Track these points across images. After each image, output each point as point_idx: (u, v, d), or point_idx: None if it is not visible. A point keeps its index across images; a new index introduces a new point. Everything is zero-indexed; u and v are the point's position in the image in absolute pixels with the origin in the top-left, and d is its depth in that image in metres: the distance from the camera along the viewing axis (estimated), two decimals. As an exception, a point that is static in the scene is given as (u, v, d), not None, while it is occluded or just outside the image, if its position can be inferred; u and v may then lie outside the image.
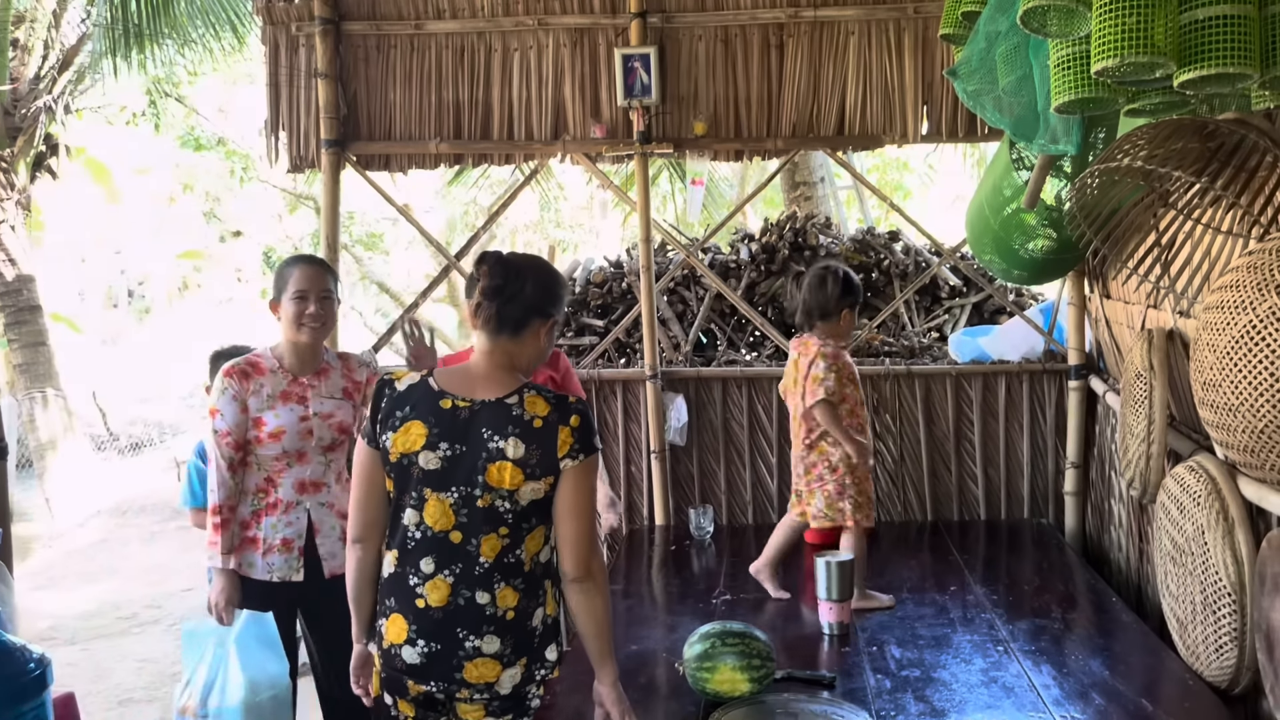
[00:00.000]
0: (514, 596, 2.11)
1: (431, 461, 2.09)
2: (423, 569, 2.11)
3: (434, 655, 2.11)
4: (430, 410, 2.12)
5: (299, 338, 2.95)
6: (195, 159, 14.25)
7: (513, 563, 2.10)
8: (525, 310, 2.15)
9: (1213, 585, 2.61)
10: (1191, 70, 1.89)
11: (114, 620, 5.71)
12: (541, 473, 2.07)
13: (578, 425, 2.09)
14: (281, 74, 4.44)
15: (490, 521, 2.08)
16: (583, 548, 2.11)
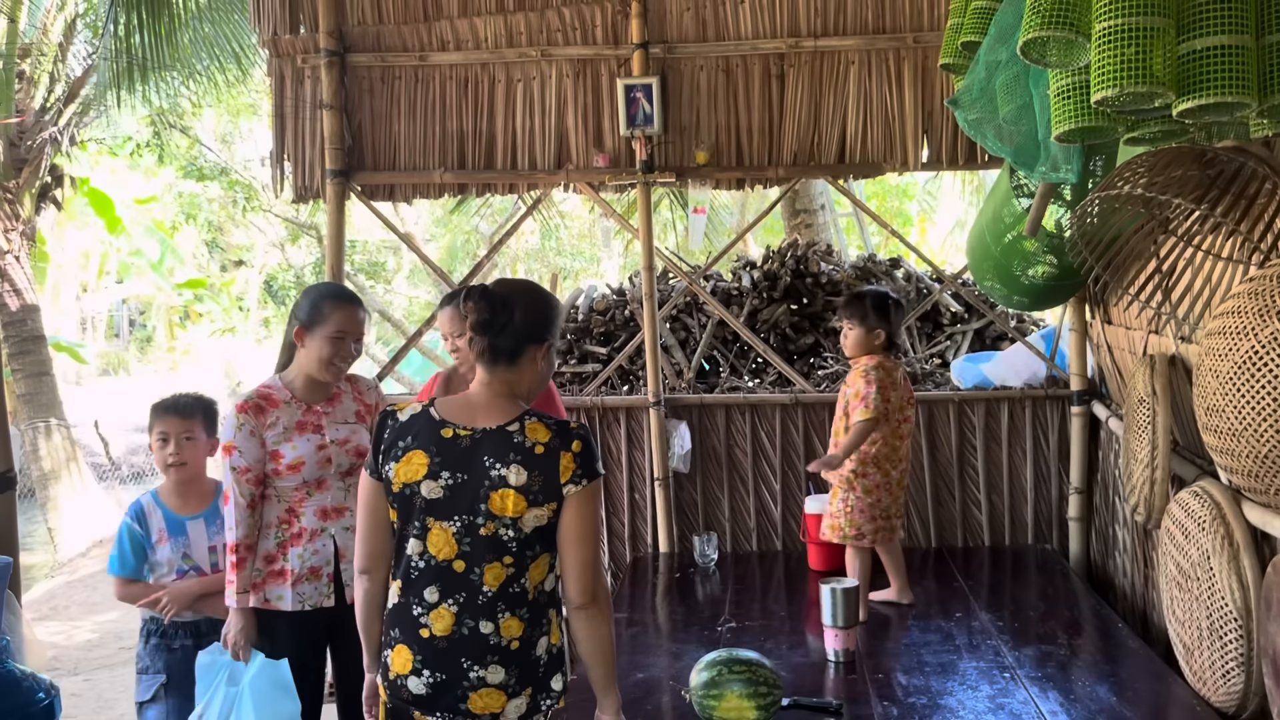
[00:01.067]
0: (518, 626, 2.10)
1: (434, 490, 2.09)
2: (427, 598, 2.11)
3: (439, 685, 2.10)
4: (432, 440, 2.12)
5: (324, 376, 2.91)
6: (197, 189, 14.34)
7: (517, 592, 2.10)
8: (518, 339, 2.16)
9: (1219, 610, 2.61)
10: (1190, 100, 1.91)
11: (116, 650, 5.69)
12: (544, 499, 2.07)
13: (579, 451, 2.09)
14: (287, 105, 4.48)
15: (494, 550, 2.08)
16: (588, 574, 2.11)
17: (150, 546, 2.99)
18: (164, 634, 2.99)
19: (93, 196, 13.18)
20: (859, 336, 3.38)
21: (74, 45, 9.18)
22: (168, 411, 3.06)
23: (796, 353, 5.00)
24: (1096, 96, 1.94)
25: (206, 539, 3.02)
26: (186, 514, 3.03)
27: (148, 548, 2.99)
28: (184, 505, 3.03)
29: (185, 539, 3.00)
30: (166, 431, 3.02)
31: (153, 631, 3.01)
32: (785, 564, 4.22)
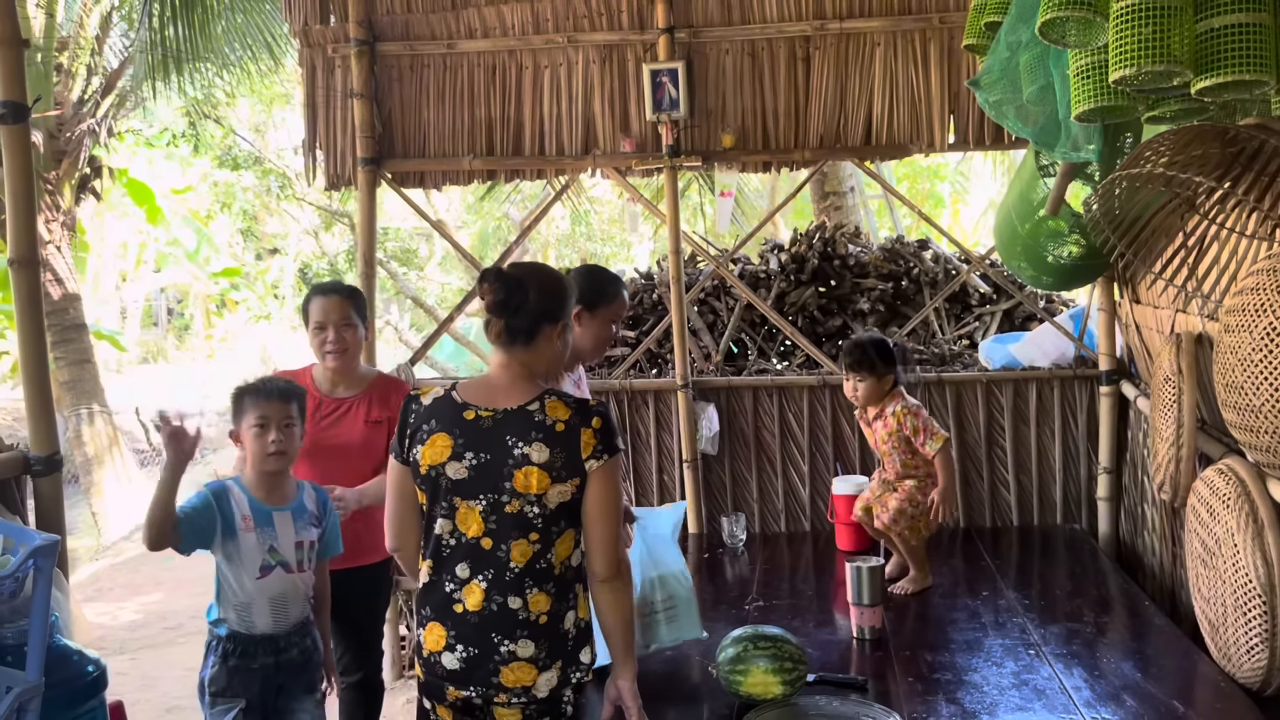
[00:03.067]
0: (546, 601, 2.16)
1: (459, 471, 2.15)
2: (458, 574, 2.17)
3: (472, 660, 2.16)
4: (454, 422, 2.18)
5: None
6: (232, 178, 14.52)
7: (543, 568, 2.16)
8: (533, 319, 2.21)
9: (1243, 587, 2.62)
10: (1208, 78, 1.93)
11: (160, 631, 5.83)
12: (567, 475, 2.12)
13: (599, 427, 2.15)
14: (318, 94, 4.55)
15: (519, 527, 2.14)
16: (612, 548, 2.18)
17: (235, 532, 2.66)
18: (244, 652, 2.67)
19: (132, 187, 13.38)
20: (871, 387, 3.43)
21: (110, 38, 9.32)
22: (269, 396, 2.78)
23: (824, 335, 5.02)
24: (1115, 76, 1.96)
25: (293, 533, 2.75)
26: (273, 505, 2.74)
27: (230, 530, 2.65)
28: (270, 496, 2.75)
29: (272, 531, 2.71)
30: (266, 417, 2.74)
31: (231, 651, 2.67)
32: (813, 544, 4.26)
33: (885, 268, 5.16)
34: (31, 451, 2.73)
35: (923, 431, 3.37)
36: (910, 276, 5.16)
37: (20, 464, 2.70)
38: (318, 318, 3.18)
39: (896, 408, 3.41)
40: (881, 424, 3.44)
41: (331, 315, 3.18)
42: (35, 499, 2.74)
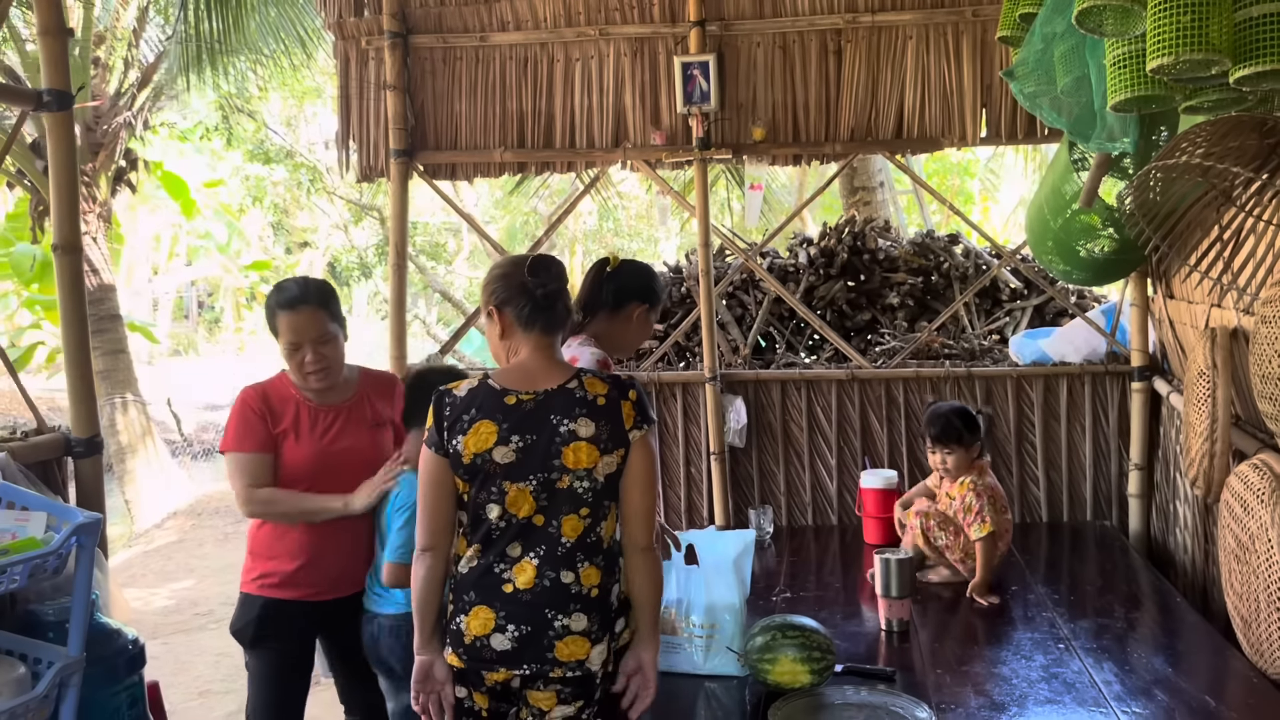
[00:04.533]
0: (596, 574, 2.20)
1: (507, 455, 2.18)
2: (509, 554, 2.20)
3: (525, 638, 2.17)
4: (497, 408, 2.21)
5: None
6: (264, 172, 14.65)
7: (593, 541, 2.21)
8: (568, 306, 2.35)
9: (1277, 582, 2.60)
10: (1247, 66, 1.91)
11: (192, 616, 5.91)
12: (613, 446, 2.20)
13: (635, 399, 2.24)
14: (352, 87, 4.60)
15: (570, 502, 2.18)
16: (649, 518, 2.26)
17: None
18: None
19: (166, 180, 13.53)
20: (961, 458, 3.43)
21: (145, 31, 9.44)
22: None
23: (853, 329, 5.01)
24: (1152, 64, 1.95)
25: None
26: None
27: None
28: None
29: None
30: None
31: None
32: (841, 538, 4.26)
33: (915, 262, 5.15)
34: (73, 434, 2.78)
35: (975, 514, 3.34)
36: (940, 271, 5.15)
37: (62, 445, 2.76)
38: (290, 337, 2.74)
39: (967, 479, 3.39)
40: (956, 486, 3.44)
41: (307, 333, 2.74)
42: (76, 480, 2.79)
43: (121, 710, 2.39)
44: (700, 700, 2.70)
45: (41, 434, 2.75)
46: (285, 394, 2.80)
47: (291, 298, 2.74)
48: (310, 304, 2.74)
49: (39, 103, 2.65)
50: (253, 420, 2.74)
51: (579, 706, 2.21)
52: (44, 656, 2.16)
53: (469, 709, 2.28)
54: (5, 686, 2.04)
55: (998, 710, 2.55)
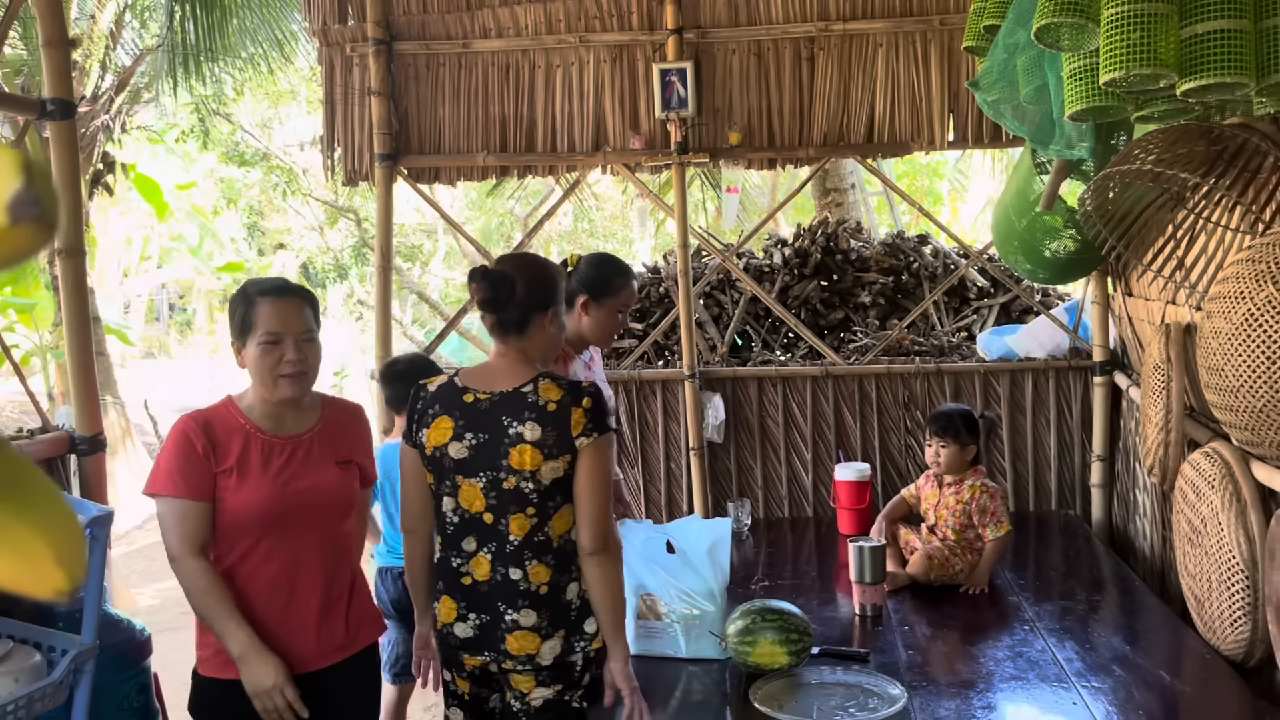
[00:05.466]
0: (546, 572, 2.28)
1: (460, 451, 2.29)
2: (465, 548, 2.31)
3: (483, 627, 2.29)
4: (455, 405, 2.33)
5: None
6: (238, 174, 14.62)
7: (541, 540, 2.28)
8: (523, 310, 2.35)
9: (1227, 563, 2.76)
10: (1192, 80, 2.06)
11: (176, 615, 5.95)
12: (559, 452, 2.24)
13: (590, 406, 2.27)
14: (337, 92, 4.69)
15: (517, 501, 2.26)
16: (599, 524, 2.27)
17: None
18: None
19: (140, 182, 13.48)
20: (954, 454, 3.52)
21: (123, 35, 9.45)
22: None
23: (827, 327, 5.16)
24: (1105, 78, 2.09)
25: None
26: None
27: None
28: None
29: None
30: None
31: None
32: (816, 529, 4.40)
33: (886, 262, 5.30)
34: (76, 431, 2.86)
35: (991, 515, 3.43)
36: (910, 271, 5.30)
37: (65, 443, 2.84)
38: (271, 327, 2.27)
39: (976, 482, 3.49)
40: (954, 493, 3.51)
41: (291, 324, 2.29)
42: (79, 477, 2.87)
43: (131, 696, 2.48)
44: (683, 682, 2.83)
45: (47, 432, 2.84)
46: (231, 424, 2.30)
47: (276, 285, 2.35)
48: (297, 295, 2.36)
49: (43, 111, 2.74)
50: (193, 458, 2.23)
51: (558, 690, 2.31)
52: (58, 644, 2.25)
53: (453, 692, 2.42)
54: (23, 673, 2.13)
55: (966, 687, 2.69)
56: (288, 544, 2.32)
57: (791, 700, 2.60)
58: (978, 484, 3.49)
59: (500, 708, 2.40)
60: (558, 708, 2.31)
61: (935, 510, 3.56)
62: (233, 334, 2.33)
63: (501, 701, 2.40)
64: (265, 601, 2.30)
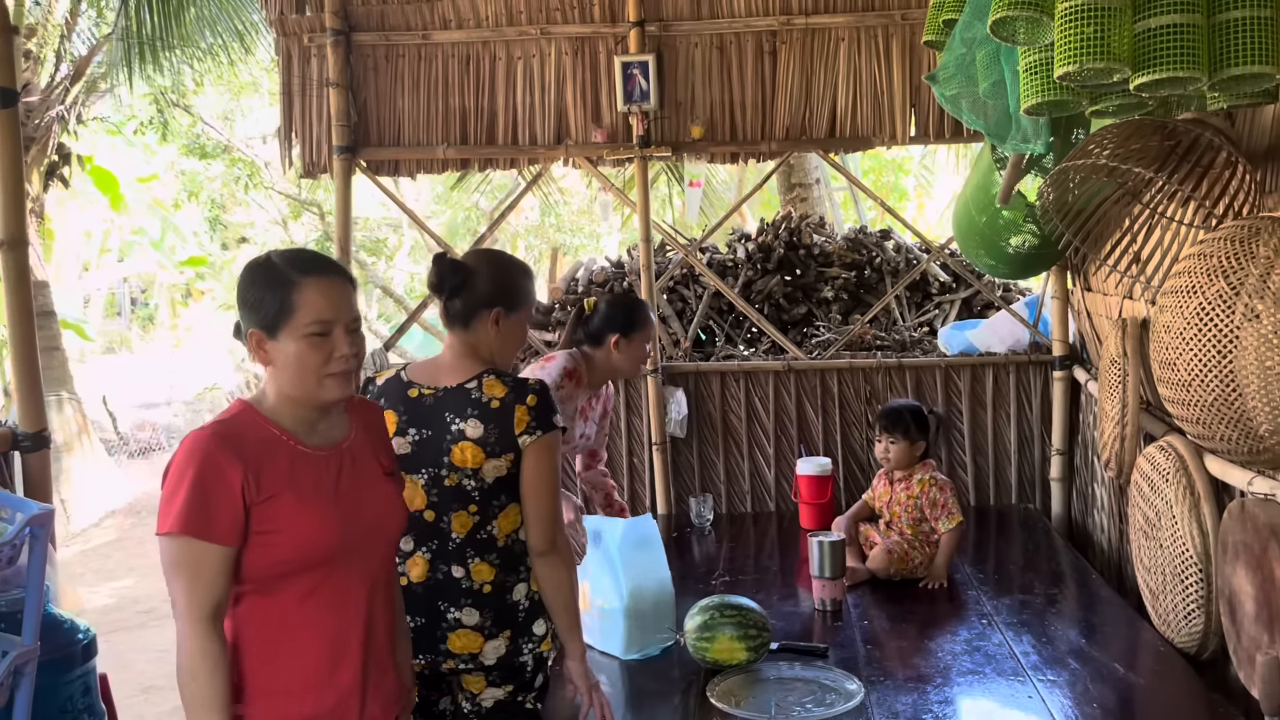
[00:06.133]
0: (489, 571, 2.23)
1: (403, 446, 2.25)
2: (402, 548, 2.25)
3: (420, 629, 2.24)
4: (400, 399, 2.29)
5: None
6: (199, 167, 14.43)
7: (484, 539, 2.23)
8: (470, 303, 2.31)
9: (1181, 556, 2.78)
10: (1145, 74, 2.06)
11: (133, 614, 5.88)
12: (501, 450, 2.20)
13: (534, 404, 2.22)
14: (294, 83, 4.61)
15: (459, 499, 2.22)
16: (547, 524, 2.23)
17: None
18: None
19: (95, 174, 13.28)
20: (903, 450, 3.54)
21: (78, 24, 9.29)
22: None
23: (790, 322, 5.15)
24: (1059, 72, 2.09)
25: None
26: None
27: None
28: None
29: None
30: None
31: None
32: (778, 524, 4.39)
33: (849, 257, 5.31)
34: (20, 428, 2.80)
35: (941, 508, 3.45)
36: (873, 265, 5.31)
37: (8, 440, 2.78)
38: (322, 314, 1.79)
39: (924, 476, 3.51)
40: (904, 488, 3.54)
41: (342, 310, 1.82)
42: (24, 474, 2.81)
43: (75, 698, 2.43)
44: (639, 679, 2.81)
45: (-11, 428, 2.77)
46: (265, 436, 1.81)
47: (319, 261, 1.87)
48: (341, 274, 1.87)
49: (-18, 99, 2.67)
50: (222, 487, 1.72)
51: (509, 691, 2.28)
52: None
53: None
54: (-40, 675, 2.08)
55: (923, 681, 2.69)
56: (339, 588, 1.84)
57: (749, 696, 2.59)
58: (926, 477, 3.51)
59: (451, 710, 2.37)
60: (510, 709, 2.28)
61: (889, 507, 3.57)
62: (254, 321, 1.80)
63: (453, 703, 2.37)
64: (303, 670, 1.81)
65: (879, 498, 3.63)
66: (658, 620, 2.92)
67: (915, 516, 3.50)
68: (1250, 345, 1.89)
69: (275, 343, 1.80)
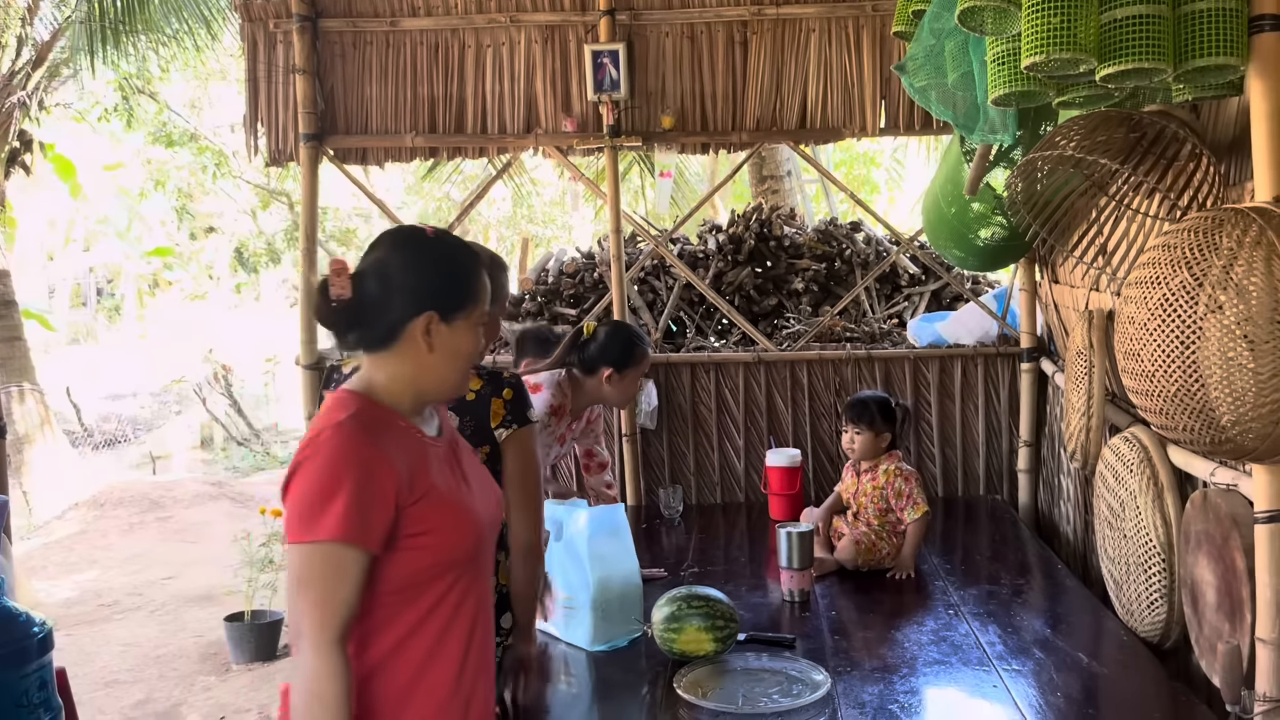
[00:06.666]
0: None
1: None
2: None
3: None
4: None
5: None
6: (166, 155, 14.25)
7: None
8: None
9: (1144, 546, 2.80)
10: (1111, 65, 2.06)
11: (96, 607, 5.80)
12: (476, 443, 2.18)
13: (510, 398, 2.22)
14: (260, 70, 4.55)
15: None
16: (533, 518, 2.25)
17: None
18: None
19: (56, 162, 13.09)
20: (868, 441, 3.54)
21: (40, 8, 9.12)
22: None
23: (760, 314, 5.15)
24: (1026, 62, 2.08)
25: None
26: None
27: None
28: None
29: None
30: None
31: None
32: (747, 515, 4.40)
33: (819, 249, 5.31)
34: (-26, 418, 2.74)
35: (907, 498, 3.46)
36: (843, 257, 5.32)
37: (-38, 430, 2.71)
38: (489, 303, 1.82)
39: (890, 466, 3.52)
40: (870, 479, 3.54)
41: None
42: (-22, 465, 2.75)
43: (30, 693, 2.38)
44: (605, 669, 2.79)
45: (-59, 419, 2.71)
46: (398, 428, 1.70)
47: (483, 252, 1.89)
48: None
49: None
50: (379, 490, 1.60)
51: None
52: (-50, 639, 2.15)
53: None
54: (-90, 670, 2.03)
55: (890, 671, 2.69)
56: (464, 591, 1.73)
57: (716, 687, 2.59)
58: (892, 468, 3.52)
59: None
60: None
61: (855, 498, 3.58)
62: (435, 301, 1.68)
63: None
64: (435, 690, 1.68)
65: (847, 489, 3.63)
66: (625, 612, 2.90)
67: (881, 507, 3.51)
68: (1213, 336, 1.90)
69: (445, 327, 1.69)
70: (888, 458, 3.56)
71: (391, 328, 1.67)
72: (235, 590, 5.01)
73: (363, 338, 1.69)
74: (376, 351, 1.70)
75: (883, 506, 3.51)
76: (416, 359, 1.68)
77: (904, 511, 3.47)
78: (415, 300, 1.67)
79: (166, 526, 7.64)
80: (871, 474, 3.55)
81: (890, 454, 3.57)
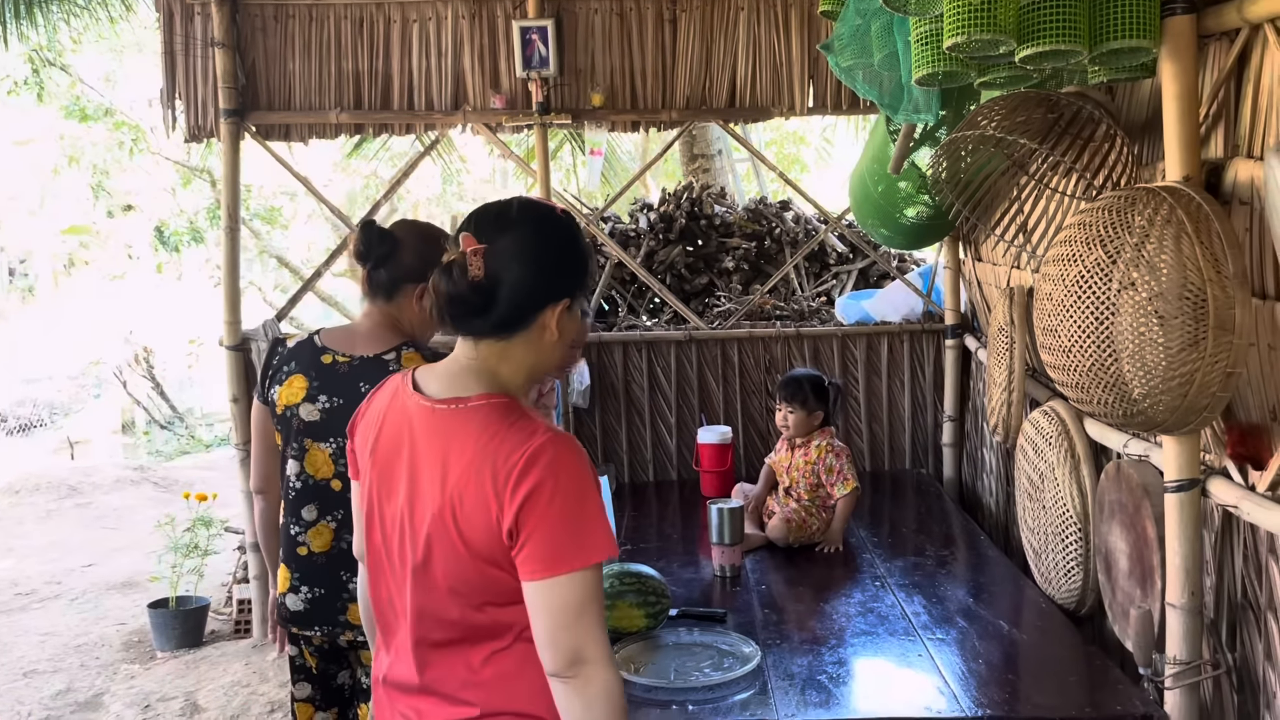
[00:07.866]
0: None
1: (312, 413, 2.20)
2: (304, 517, 2.22)
3: (317, 600, 2.22)
4: (312, 365, 2.23)
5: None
6: (81, 130, 13.77)
7: None
8: (394, 275, 2.26)
9: (1062, 516, 2.89)
10: (1030, 46, 2.10)
11: (12, 597, 5.64)
12: None
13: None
14: (177, 42, 4.42)
15: None
16: None
17: None
18: None
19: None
20: (801, 419, 3.58)
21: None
22: None
23: (691, 292, 5.17)
24: (948, 42, 2.12)
25: None
26: None
27: None
28: None
29: None
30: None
31: None
32: (680, 492, 4.43)
33: (749, 228, 5.34)
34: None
35: (838, 474, 3.51)
36: (773, 236, 5.36)
37: None
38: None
39: (822, 442, 3.57)
40: (803, 454, 3.59)
41: None
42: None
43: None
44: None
45: None
46: None
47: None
48: None
49: None
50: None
51: None
52: None
53: (300, 666, 2.34)
54: None
55: (818, 643, 2.74)
56: None
57: (649, 662, 2.62)
58: (824, 444, 3.57)
59: (350, 684, 2.33)
60: None
61: (788, 472, 3.63)
62: (574, 287, 1.62)
63: (351, 678, 2.33)
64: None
65: (780, 461, 3.67)
66: None
67: (812, 482, 3.56)
68: (1126, 312, 1.96)
69: (568, 314, 1.61)
70: (820, 434, 3.61)
71: (525, 313, 1.57)
72: (160, 576, 4.90)
73: (490, 323, 1.57)
74: (497, 337, 1.58)
75: (814, 482, 3.56)
76: (539, 345, 1.60)
77: (834, 487, 3.52)
78: (558, 286, 1.59)
79: (86, 513, 7.44)
80: (804, 450, 3.60)
81: (823, 430, 3.62)
